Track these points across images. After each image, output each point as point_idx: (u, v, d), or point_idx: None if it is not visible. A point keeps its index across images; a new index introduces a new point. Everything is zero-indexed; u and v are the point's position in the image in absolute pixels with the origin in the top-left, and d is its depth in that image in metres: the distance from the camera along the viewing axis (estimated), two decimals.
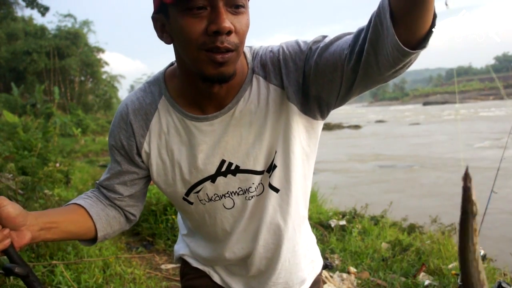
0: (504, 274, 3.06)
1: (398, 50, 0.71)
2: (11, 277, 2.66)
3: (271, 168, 1.00)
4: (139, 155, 1.04)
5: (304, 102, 0.95)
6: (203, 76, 0.88)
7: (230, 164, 0.99)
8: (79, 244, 3.44)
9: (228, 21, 0.81)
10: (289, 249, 1.07)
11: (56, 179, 5.35)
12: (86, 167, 10.04)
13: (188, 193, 1.04)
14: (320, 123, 1.01)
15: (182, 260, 1.25)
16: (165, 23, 0.89)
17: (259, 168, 1.00)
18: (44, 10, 16.21)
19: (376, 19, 0.74)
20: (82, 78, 32.71)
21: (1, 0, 17.21)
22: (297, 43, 0.95)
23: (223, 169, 1.00)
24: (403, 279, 3.10)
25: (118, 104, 34.86)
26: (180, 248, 1.25)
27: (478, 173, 9.12)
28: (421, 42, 0.73)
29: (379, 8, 0.74)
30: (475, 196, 0.47)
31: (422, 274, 3.12)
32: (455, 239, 3.74)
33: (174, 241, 4.17)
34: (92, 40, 45.39)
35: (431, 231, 4.26)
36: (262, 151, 0.98)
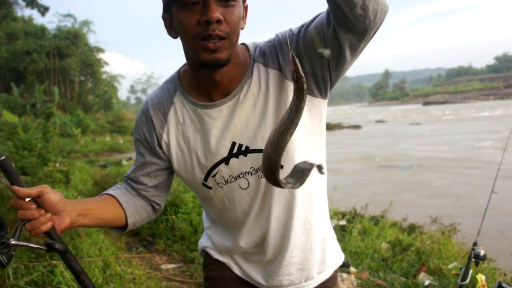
0: (504, 274, 3.06)
1: None
2: (12, 277, 2.67)
3: None
4: (160, 146, 1.15)
5: None
6: (200, 62, 0.99)
7: (241, 145, 1.08)
8: (79, 244, 3.47)
9: (217, 12, 0.92)
10: (299, 225, 1.11)
11: (56, 179, 5.36)
12: (86, 167, 10.06)
13: (206, 178, 1.13)
14: (321, 102, 1.07)
15: (205, 253, 1.33)
16: (171, 20, 1.02)
17: None
18: (44, 10, 16.22)
19: None
20: (82, 78, 32.74)
21: (1, 0, 17.20)
22: (290, 29, 1.04)
23: (235, 150, 1.08)
24: (403, 279, 3.10)
25: (118, 104, 35.05)
26: (203, 241, 1.34)
27: (478, 173, 9.12)
28: None
29: None
30: (301, 71, 0.76)
31: (422, 274, 3.12)
32: (455, 239, 3.74)
33: (174, 241, 4.17)
34: (92, 40, 45.57)
35: (431, 231, 4.26)
36: (267, 130, 1.05)
